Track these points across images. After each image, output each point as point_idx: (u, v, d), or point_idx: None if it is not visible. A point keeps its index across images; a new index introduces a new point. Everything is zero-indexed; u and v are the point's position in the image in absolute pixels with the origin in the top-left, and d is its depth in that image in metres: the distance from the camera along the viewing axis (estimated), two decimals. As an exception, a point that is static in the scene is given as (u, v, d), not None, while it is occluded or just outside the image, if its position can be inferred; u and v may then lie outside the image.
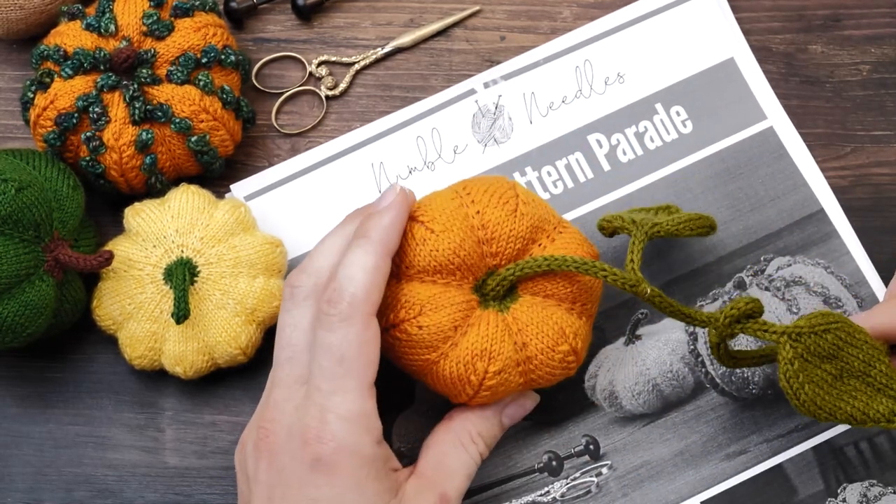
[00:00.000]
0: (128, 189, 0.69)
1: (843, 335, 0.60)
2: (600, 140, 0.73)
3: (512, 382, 0.61)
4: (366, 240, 0.59)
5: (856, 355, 0.60)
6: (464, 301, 0.61)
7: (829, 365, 0.59)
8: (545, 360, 0.61)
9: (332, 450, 0.56)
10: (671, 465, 0.68)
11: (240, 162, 0.73)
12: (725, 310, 0.60)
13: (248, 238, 0.68)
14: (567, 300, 0.62)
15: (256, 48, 0.75)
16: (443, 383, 0.61)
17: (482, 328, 0.61)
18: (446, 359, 0.61)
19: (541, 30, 0.75)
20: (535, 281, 0.62)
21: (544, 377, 0.62)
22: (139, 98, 0.67)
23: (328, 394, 0.57)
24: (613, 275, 0.60)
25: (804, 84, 0.74)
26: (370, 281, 0.58)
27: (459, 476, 0.61)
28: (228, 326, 0.66)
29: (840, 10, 0.76)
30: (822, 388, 0.59)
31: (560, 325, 0.61)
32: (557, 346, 0.61)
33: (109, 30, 0.68)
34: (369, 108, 0.74)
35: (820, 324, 0.59)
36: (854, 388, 0.60)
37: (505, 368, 0.61)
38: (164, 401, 0.70)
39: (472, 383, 0.61)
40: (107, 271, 0.67)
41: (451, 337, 0.60)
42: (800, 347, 0.59)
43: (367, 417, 0.57)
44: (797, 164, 0.73)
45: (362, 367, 0.57)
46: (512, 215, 0.62)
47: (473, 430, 0.62)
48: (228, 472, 0.69)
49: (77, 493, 0.69)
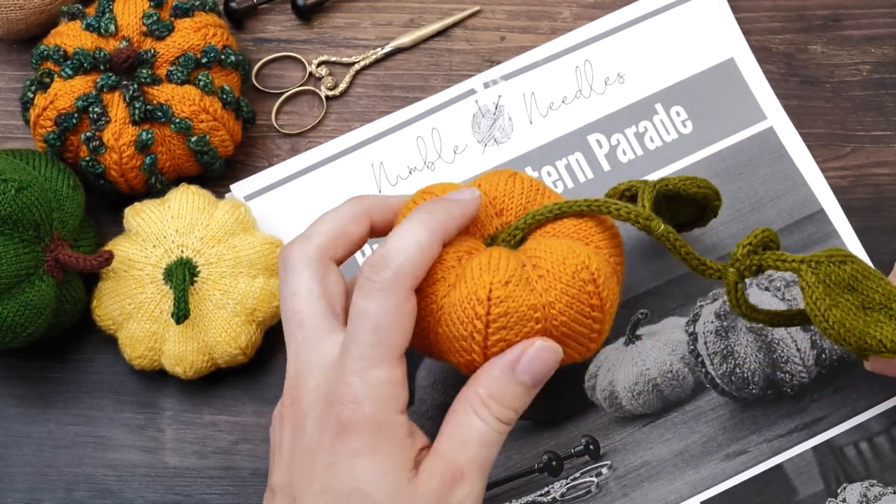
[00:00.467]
0: (128, 189, 0.69)
1: (860, 269, 0.59)
2: (600, 140, 0.73)
3: (525, 315, 0.56)
4: (429, 216, 0.58)
5: (875, 289, 0.59)
6: (472, 245, 0.59)
7: (850, 296, 0.58)
8: (558, 274, 0.57)
9: (351, 412, 0.55)
10: (671, 465, 0.68)
11: (240, 162, 0.73)
12: (742, 241, 0.59)
13: (248, 238, 0.68)
14: (582, 241, 0.60)
15: (256, 48, 0.75)
16: (451, 326, 0.57)
17: (487, 251, 0.58)
18: (454, 290, 0.57)
19: (541, 30, 0.75)
20: (545, 231, 0.60)
21: (564, 312, 0.57)
22: (139, 98, 0.67)
23: (357, 359, 0.56)
24: (626, 210, 0.59)
25: (804, 84, 0.74)
26: (419, 256, 0.56)
27: (473, 444, 0.57)
28: (228, 326, 0.66)
29: (840, 10, 0.76)
30: (848, 315, 0.58)
31: (572, 247, 0.58)
32: (567, 259, 0.57)
33: (109, 30, 0.68)
34: (369, 108, 0.74)
35: (836, 255, 0.58)
36: (877, 320, 0.58)
37: (511, 280, 0.56)
38: (164, 401, 0.70)
39: (479, 314, 0.56)
40: (107, 271, 0.67)
41: (455, 267, 0.58)
42: (821, 274, 0.58)
43: (391, 385, 0.56)
44: (797, 164, 0.73)
45: (395, 338, 0.56)
46: (511, 178, 0.61)
47: (483, 391, 0.57)
48: (228, 472, 0.69)
49: (77, 493, 0.69)
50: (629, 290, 0.70)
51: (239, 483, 0.69)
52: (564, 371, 0.61)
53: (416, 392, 0.69)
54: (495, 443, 0.57)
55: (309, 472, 0.56)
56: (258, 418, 0.70)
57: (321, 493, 0.56)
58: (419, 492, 0.56)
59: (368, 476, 0.55)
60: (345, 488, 0.56)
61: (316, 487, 0.56)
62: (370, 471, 0.55)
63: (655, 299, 0.70)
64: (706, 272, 0.60)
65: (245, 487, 0.69)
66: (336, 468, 0.56)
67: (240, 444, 0.70)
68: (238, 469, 0.69)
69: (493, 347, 0.57)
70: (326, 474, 0.56)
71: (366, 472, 0.55)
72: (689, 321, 0.70)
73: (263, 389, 0.70)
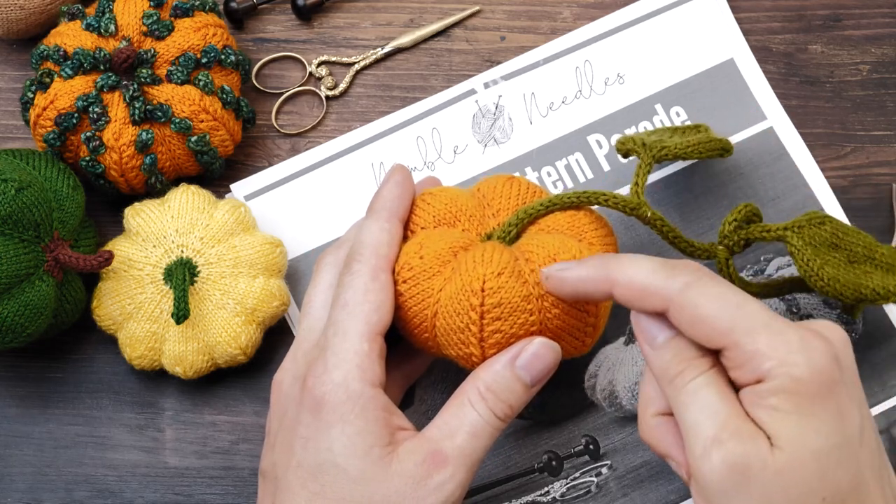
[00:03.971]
0: (128, 189, 0.70)
1: (838, 227, 0.61)
2: (600, 140, 0.73)
3: (519, 307, 0.57)
4: (371, 211, 0.62)
5: (856, 243, 0.61)
6: (468, 241, 0.60)
7: (836, 253, 0.61)
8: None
9: (323, 384, 0.57)
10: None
11: (240, 162, 0.73)
12: (727, 218, 0.62)
13: (248, 238, 0.68)
14: (575, 237, 0.61)
15: (256, 48, 0.75)
16: (448, 318, 0.58)
17: (481, 246, 0.59)
18: (449, 283, 0.58)
19: (541, 30, 0.75)
20: (539, 227, 0.61)
21: (557, 304, 0.58)
22: (139, 98, 0.67)
23: (331, 336, 0.58)
24: (614, 198, 0.60)
25: (804, 84, 0.75)
26: (376, 239, 0.60)
27: (462, 434, 0.57)
28: (228, 326, 0.66)
29: (840, 10, 0.76)
30: (839, 270, 0.60)
31: (567, 244, 0.59)
32: (559, 254, 0.58)
33: (109, 30, 0.68)
34: (369, 108, 0.74)
35: (814, 217, 0.61)
36: (865, 271, 0.60)
37: (504, 272, 0.57)
38: (164, 401, 0.70)
39: (474, 305, 0.57)
40: (107, 271, 0.67)
41: (451, 262, 0.59)
42: (805, 237, 0.60)
43: (360, 356, 0.57)
44: (797, 164, 0.73)
45: (365, 312, 0.58)
46: (508, 181, 0.63)
47: (480, 385, 0.58)
48: (228, 472, 0.69)
49: (77, 493, 0.69)
50: (629, 290, 0.70)
51: (239, 483, 0.69)
52: (564, 371, 0.62)
53: (416, 392, 0.69)
54: (486, 436, 0.58)
55: (289, 450, 0.58)
56: (258, 418, 0.70)
57: (297, 469, 0.57)
58: (393, 468, 0.56)
59: (339, 448, 0.56)
60: (317, 460, 0.56)
61: (293, 463, 0.57)
62: (341, 442, 0.56)
63: (655, 299, 0.70)
64: (696, 253, 0.61)
65: (245, 487, 0.69)
66: (311, 442, 0.57)
67: (240, 444, 0.70)
68: (238, 469, 0.69)
69: (489, 339, 0.58)
70: (302, 450, 0.57)
71: (337, 444, 0.56)
72: (689, 321, 0.70)
73: (263, 389, 0.70)
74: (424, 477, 0.56)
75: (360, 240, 0.61)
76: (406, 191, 0.62)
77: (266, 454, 0.60)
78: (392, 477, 0.56)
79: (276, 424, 0.60)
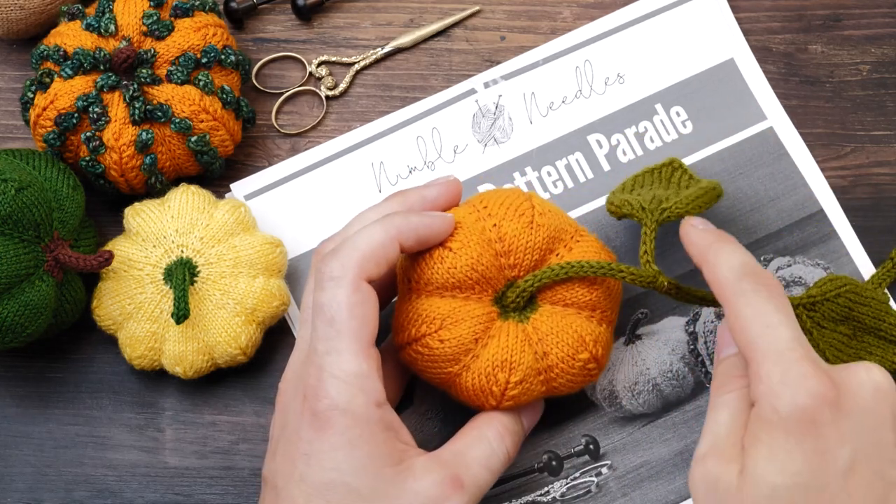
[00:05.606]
0: (128, 189, 0.70)
1: (852, 296, 0.63)
2: (600, 140, 0.73)
3: (534, 391, 0.62)
4: (388, 218, 0.60)
5: (866, 313, 0.63)
6: (484, 314, 0.61)
7: (843, 327, 0.62)
8: (566, 368, 0.62)
9: (325, 406, 0.57)
10: (671, 465, 0.68)
11: (240, 162, 0.73)
12: None
13: (248, 238, 0.68)
14: (587, 307, 0.62)
15: (256, 48, 0.75)
16: (466, 395, 0.62)
17: (502, 339, 0.61)
18: (468, 371, 0.61)
19: (541, 30, 0.75)
20: (553, 290, 0.62)
21: (566, 385, 0.63)
22: (139, 98, 0.67)
23: (323, 354, 0.57)
24: (631, 274, 0.61)
25: (804, 84, 0.74)
26: (369, 250, 0.59)
27: (478, 466, 0.60)
28: (228, 326, 0.66)
29: (840, 10, 0.76)
30: (841, 350, 0.62)
31: (580, 332, 0.62)
32: (578, 354, 0.62)
33: (109, 30, 0.68)
34: (369, 108, 0.74)
35: (831, 290, 0.63)
36: (869, 344, 0.63)
37: (526, 378, 0.61)
38: (164, 401, 0.70)
39: (495, 394, 0.61)
40: (107, 271, 0.67)
41: (472, 349, 0.61)
42: (816, 316, 0.62)
43: (360, 378, 0.57)
44: (797, 164, 0.73)
45: (354, 329, 0.57)
46: (528, 227, 0.62)
47: (501, 427, 0.62)
48: (228, 472, 0.69)
49: (77, 493, 0.69)
50: (629, 290, 0.70)
51: (239, 483, 0.69)
52: (564, 371, 0.63)
53: (416, 392, 0.69)
54: (497, 471, 0.61)
55: (290, 463, 0.58)
56: (258, 418, 0.70)
57: (299, 483, 0.57)
58: (408, 485, 0.57)
59: (348, 468, 0.56)
60: (324, 479, 0.56)
61: (295, 476, 0.57)
62: (350, 464, 0.56)
63: (655, 299, 0.70)
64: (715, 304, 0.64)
65: (245, 487, 0.69)
66: (314, 459, 0.57)
67: (240, 444, 0.70)
68: (238, 469, 0.69)
69: (504, 407, 0.63)
70: (305, 466, 0.57)
71: (345, 465, 0.56)
72: (689, 321, 0.70)
73: (263, 389, 0.70)
74: (442, 498, 0.57)
75: (353, 242, 0.59)
76: (419, 229, 0.61)
77: (268, 460, 0.60)
78: (407, 493, 0.57)
79: (279, 431, 0.60)
